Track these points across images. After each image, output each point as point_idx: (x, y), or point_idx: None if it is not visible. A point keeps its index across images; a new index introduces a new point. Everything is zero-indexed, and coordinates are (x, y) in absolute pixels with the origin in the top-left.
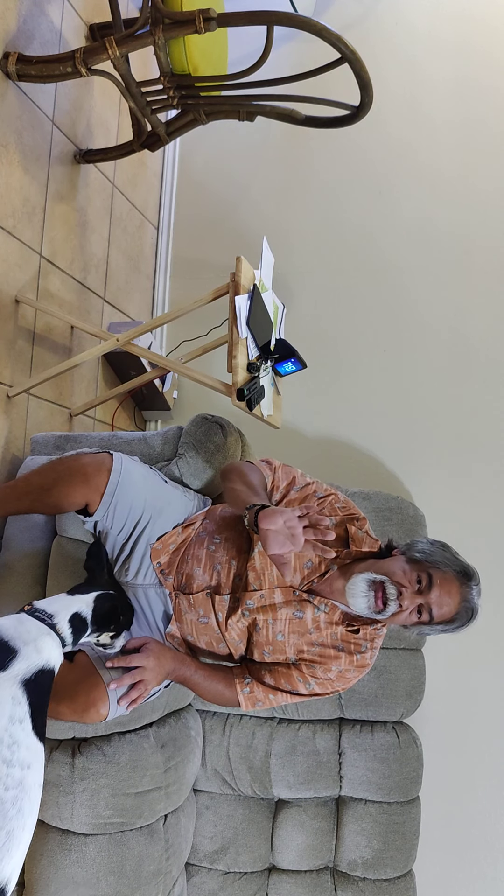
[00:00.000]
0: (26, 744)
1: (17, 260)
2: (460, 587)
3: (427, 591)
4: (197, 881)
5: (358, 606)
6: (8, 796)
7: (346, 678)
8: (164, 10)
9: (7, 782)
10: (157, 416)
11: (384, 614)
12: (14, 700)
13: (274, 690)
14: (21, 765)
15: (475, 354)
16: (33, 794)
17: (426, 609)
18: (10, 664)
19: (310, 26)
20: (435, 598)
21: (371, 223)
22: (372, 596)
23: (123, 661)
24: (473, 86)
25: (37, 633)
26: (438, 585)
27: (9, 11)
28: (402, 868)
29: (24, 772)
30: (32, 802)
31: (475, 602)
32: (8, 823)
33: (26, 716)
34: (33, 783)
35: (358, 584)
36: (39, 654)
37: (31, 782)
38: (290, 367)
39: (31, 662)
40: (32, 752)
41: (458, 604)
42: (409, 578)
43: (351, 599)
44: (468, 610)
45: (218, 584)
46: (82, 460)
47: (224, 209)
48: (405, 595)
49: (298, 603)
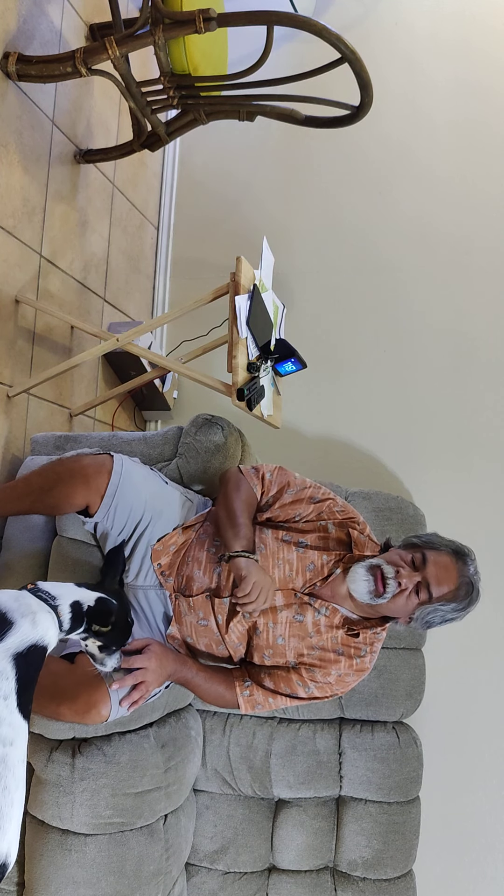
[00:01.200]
0: (9, 721)
1: (17, 260)
2: (456, 563)
3: (423, 567)
4: (197, 881)
5: (359, 592)
6: None
7: (346, 682)
8: (164, 10)
9: None
10: (157, 416)
11: (385, 596)
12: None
13: (273, 694)
14: (2, 741)
15: (475, 354)
16: (18, 771)
17: (424, 586)
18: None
19: (310, 26)
20: (432, 573)
21: (371, 223)
22: (372, 580)
23: (125, 662)
24: (473, 86)
25: (36, 608)
26: (433, 562)
27: (9, 11)
28: (402, 868)
29: (5, 748)
30: (17, 778)
31: (474, 578)
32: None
33: (11, 692)
34: (17, 759)
35: (357, 571)
36: (35, 628)
37: (15, 759)
38: (290, 367)
39: (26, 636)
40: (15, 728)
41: (457, 579)
42: (404, 559)
43: (352, 586)
44: (468, 585)
45: (218, 587)
46: (83, 461)
47: (224, 209)
48: (402, 574)
49: (299, 606)
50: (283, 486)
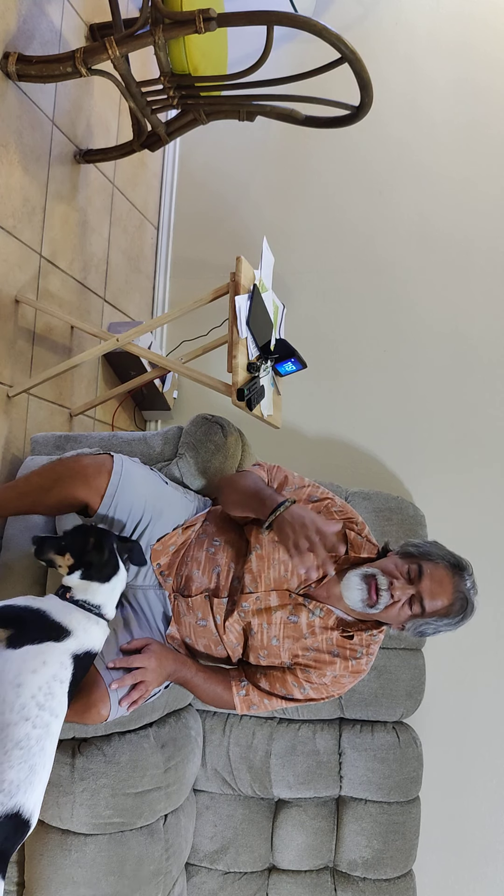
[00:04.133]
0: (60, 699)
1: (17, 260)
2: (452, 577)
3: (418, 580)
4: (197, 881)
5: (352, 600)
6: (35, 734)
7: (342, 683)
8: (164, 10)
9: (37, 722)
10: (157, 416)
11: (378, 607)
12: (62, 665)
13: (269, 695)
14: (51, 712)
15: (475, 354)
16: (54, 740)
17: (417, 600)
18: (65, 640)
19: (310, 26)
20: (426, 587)
21: (371, 223)
22: (365, 589)
23: (125, 661)
24: (473, 86)
25: (85, 621)
26: (429, 575)
27: (9, 11)
28: (402, 868)
29: (52, 718)
30: (53, 746)
31: (469, 593)
32: (32, 758)
33: (67, 680)
34: (56, 731)
35: (351, 579)
36: (88, 635)
37: (55, 729)
38: (290, 367)
39: (82, 643)
40: (62, 707)
41: (451, 594)
42: (400, 570)
43: (345, 593)
44: (462, 601)
45: (217, 587)
46: (83, 461)
47: (224, 209)
48: (396, 585)
49: (293, 607)
50: (281, 483)
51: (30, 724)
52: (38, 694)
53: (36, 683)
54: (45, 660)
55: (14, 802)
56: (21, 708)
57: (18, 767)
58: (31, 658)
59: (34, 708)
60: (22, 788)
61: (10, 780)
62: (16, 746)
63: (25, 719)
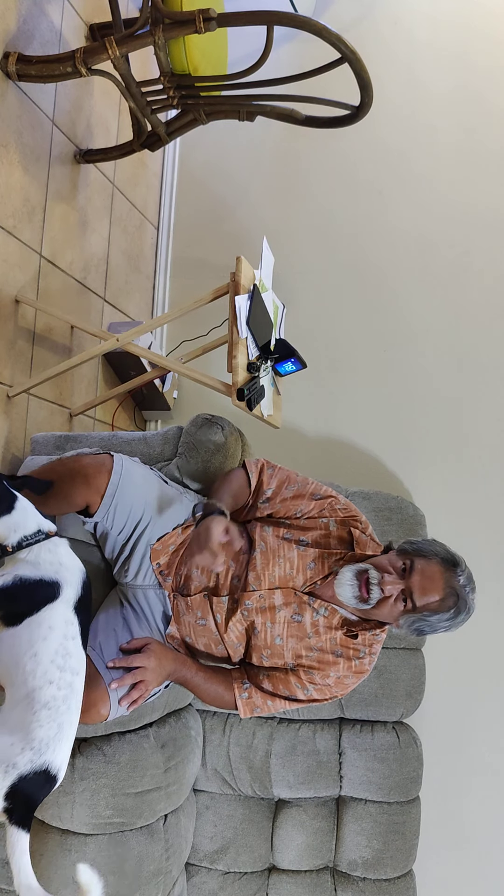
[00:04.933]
0: (77, 655)
1: (17, 260)
2: (444, 572)
3: (409, 576)
4: (197, 881)
5: (344, 596)
6: (60, 695)
7: (345, 684)
8: (164, 10)
9: (61, 683)
10: (157, 416)
11: (370, 602)
12: (67, 622)
13: (272, 696)
14: (72, 671)
15: (475, 353)
16: (79, 696)
17: (408, 595)
18: (60, 594)
19: (310, 26)
20: (416, 582)
21: (371, 222)
22: (357, 585)
23: (125, 661)
24: (472, 87)
25: (51, 556)
26: (419, 571)
27: (9, 11)
28: (402, 868)
29: (73, 677)
30: (78, 702)
31: (461, 589)
32: (60, 717)
33: (77, 633)
34: (80, 687)
35: (344, 574)
36: (68, 570)
37: (79, 686)
38: (290, 367)
39: (75, 589)
40: (80, 661)
41: (443, 589)
42: (393, 566)
43: (338, 589)
44: (454, 596)
45: (216, 586)
46: (83, 461)
47: (224, 209)
48: (386, 580)
49: (298, 605)
50: (283, 481)
51: (54, 687)
52: (55, 658)
53: (51, 649)
54: (50, 625)
55: (43, 759)
56: (43, 673)
57: (48, 726)
58: (37, 628)
59: (55, 671)
60: (51, 746)
61: (39, 738)
62: (43, 707)
63: (49, 682)
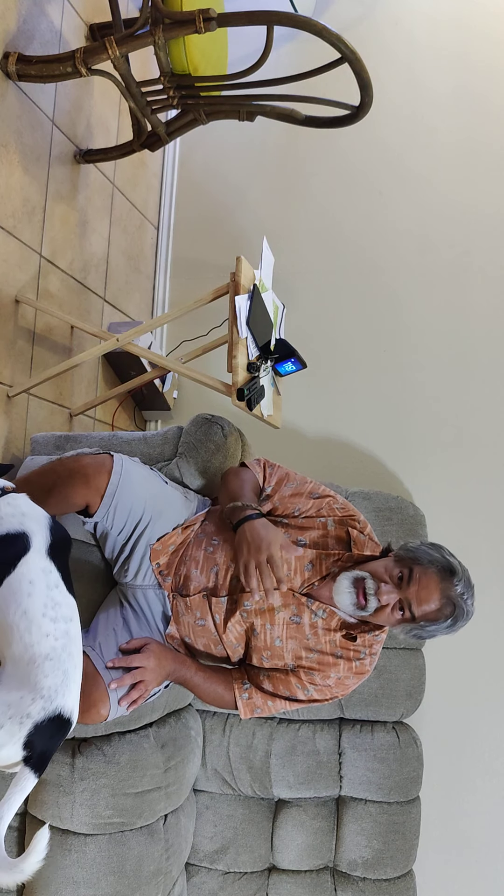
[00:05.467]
0: (65, 602)
1: (17, 260)
2: (440, 582)
3: (407, 585)
4: (197, 881)
5: (342, 604)
6: (59, 644)
7: (345, 685)
8: (164, 10)
9: (57, 633)
10: (157, 416)
11: (367, 611)
12: (45, 571)
13: (273, 697)
14: (65, 619)
15: (475, 353)
16: (77, 642)
17: (406, 605)
18: (31, 543)
19: (310, 26)
20: (413, 592)
21: (371, 222)
22: (354, 593)
23: (124, 661)
24: (472, 87)
25: (8, 507)
26: (417, 580)
27: (9, 11)
28: (402, 868)
29: (67, 624)
30: (77, 646)
31: (458, 599)
32: (63, 664)
33: (59, 580)
34: (76, 633)
35: (342, 582)
36: (31, 519)
37: (75, 632)
38: (290, 367)
39: (44, 535)
40: (70, 607)
41: (439, 599)
42: (390, 574)
43: (336, 597)
44: (450, 606)
45: (215, 586)
46: (83, 461)
47: (224, 209)
48: (383, 590)
49: (296, 607)
50: (282, 478)
51: (51, 638)
52: (46, 611)
53: (38, 603)
54: (30, 580)
55: (55, 705)
56: (38, 629)
57: (53, 675)
58: (18, 586)
59: (49, 624)
60: (60, 692)
61: (47, 686)
62: (46, 659)
63: (46, 636)
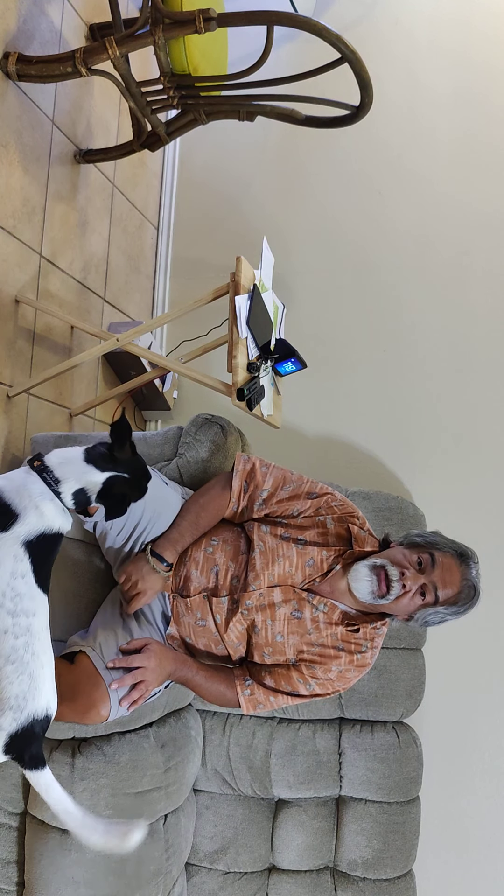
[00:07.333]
0: (30, 595)
1: (17, 260)
2: (460, 566)
3: (430, 570)
4: (197, 881)
5: (361, 592)
6: (19, 643)
7: (347, 678)
8: (164, 10)
9: (16, 631)
10: (157, 416)
11: (388, 598)
12: (15, 558)
13: (274, 692)
14: (26, 613)
15: (475, 353)
16: (42, 637)
17: (430, 589)
18: (12, 526)
19: (310, 26)
20: (438, 576)
21: (371, 223)
22: (375, 580)
23: (125, 661)
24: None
25: (39, 500)
26: (440, 564)
27: (9, 11)
28: (402, 868)
29: (29, 619)
30: (43, 643)
31: (476, 581)
32: (27, 667)
33: (28, 571)
34: (40, 627)
35: (360, 570)
36: (42, 519)
37: (38, 627)
38: (290, 367)
39: (33, 526)
40: (36, 601)
41: (460, 582)
42: (409, 560)
43: (354, 585)
44: (469, 588)
45: (215, 587)
46: None
47: (224, 209)
48: (408, 576)
49: (297, 602)
50: (278, 480)
51: (11, 636)
52: (3, 602)
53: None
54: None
55: (26, 714)
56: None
57: (18, 681)
58: None
59: (7, 618)
60: (29, 698)
61: (14, 695)
62: (7, 662)
63: (4, 632)
